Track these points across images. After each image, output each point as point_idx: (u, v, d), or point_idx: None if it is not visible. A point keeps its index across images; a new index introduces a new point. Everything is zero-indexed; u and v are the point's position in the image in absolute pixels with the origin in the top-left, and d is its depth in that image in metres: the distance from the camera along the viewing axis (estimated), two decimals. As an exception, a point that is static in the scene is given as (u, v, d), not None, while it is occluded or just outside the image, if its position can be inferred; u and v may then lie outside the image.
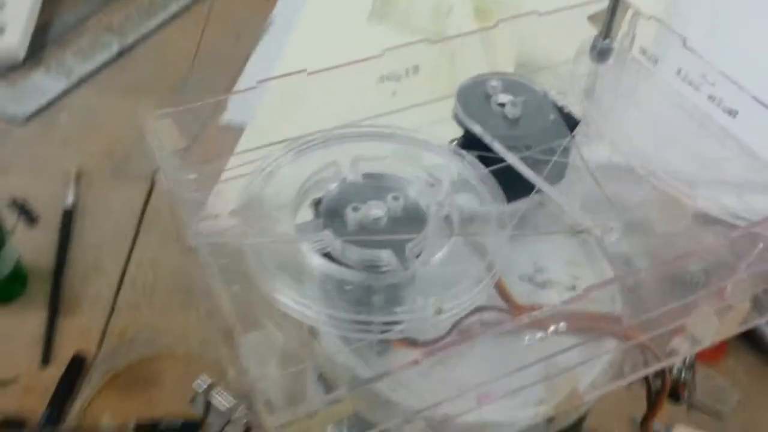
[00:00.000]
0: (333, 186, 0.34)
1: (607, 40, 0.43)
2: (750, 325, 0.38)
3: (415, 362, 0.28)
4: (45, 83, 1.08)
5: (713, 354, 0.78)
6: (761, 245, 0.34)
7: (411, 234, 0.32)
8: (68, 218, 0.89)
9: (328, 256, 0.32)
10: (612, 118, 0.41)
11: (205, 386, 0.46)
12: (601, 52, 0.44)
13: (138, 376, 0.76)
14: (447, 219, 0.34)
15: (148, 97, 1.08)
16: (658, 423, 0.72)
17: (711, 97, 0.39)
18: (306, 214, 0.36)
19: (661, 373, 0.39)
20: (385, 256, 0.31)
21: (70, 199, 0.91)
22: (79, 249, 0.87)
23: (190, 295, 0.82)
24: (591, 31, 0.44)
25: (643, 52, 0.42)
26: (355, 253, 0.31)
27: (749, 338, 0.80)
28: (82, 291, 0.83)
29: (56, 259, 0.85)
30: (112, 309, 0.81)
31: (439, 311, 0.30)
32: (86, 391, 0.74)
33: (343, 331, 0.32)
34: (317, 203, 0.35)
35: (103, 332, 0.79)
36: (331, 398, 0.27)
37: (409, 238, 0.32)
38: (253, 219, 0.33)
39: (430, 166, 0.37)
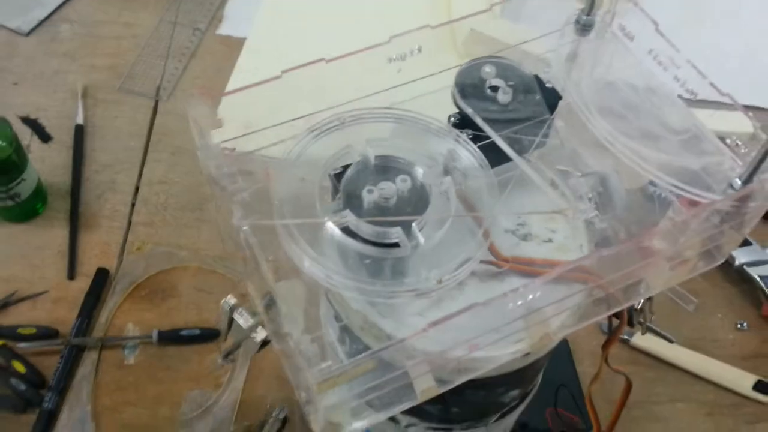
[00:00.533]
0: (351, 168, 0.40)
1: (590, 16, 0.48)
2: (695, 273, 0.46)
3: (424, 331, 0.35)
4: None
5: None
6: (707, 214, 0.41)
7: (417, 212, 0.39)
8: (80, 135, 0.94)
9: (347, 230, 0.39)
10: (587, 88, 0.46)
11: (230, 306, 0.53)
12: (584, 26, 0.49)
13: (156, 289, 0.83)
14: (446, 194, 0.41)
15: (146, 7, 1.11)
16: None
17: (676, 78, 0.44)
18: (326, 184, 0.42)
19: (620, 312, 0.47)
20: (395, 232, 0.38)
21: (80, 116, 0.96)
22: (92, 167, 0.93)
23: (200, 212, 0.89)
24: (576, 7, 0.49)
25: (622, 29, 0.47)
26: (369, 230, 0.38)
27: (710, 251, 0.89)
28: (99, 208, 0.89)
29: (72, 177, 0.90)
30: (129, 225, 0.88)
31: (440, 281, 0.37)
32: (110, 303, 0.82)
33: (357, 293, 0.38)
34: (336, 175, 0.41)
35: (122, 247, 0.86)
36: (358, 360, 0.34)
37: (415, 215, 0.39)
38: (285, 198, 0.39)
39: (432, 145, 0.43)
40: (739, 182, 0.40)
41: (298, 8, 1.07)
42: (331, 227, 0.38)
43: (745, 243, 0.86)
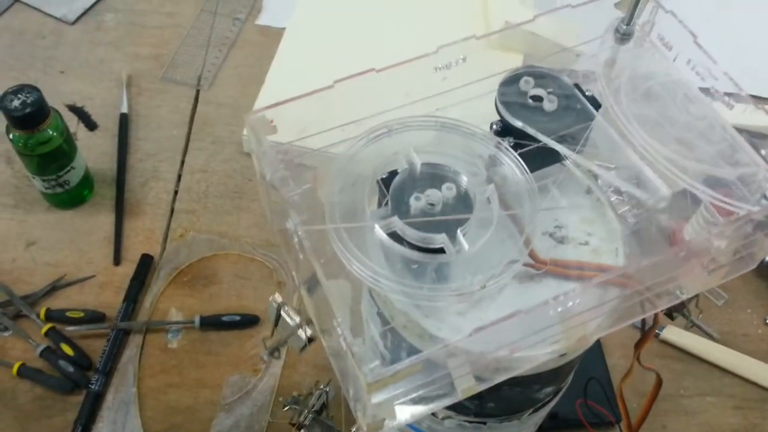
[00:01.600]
0: (398, 176, 0.42)
1: (629, 26, 0.49)
2: (729, 278, 0.47)
3: (469, 336, 0.37)
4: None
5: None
6: (741, 224, 0.43)
7: (461, 219, 0.41)
8: (124, 124, 0.97)
9: (394, 235, 0.41)
10: (625, 96, 0.48)
11: (277, 303, 0.55)
12: (623, 35, 0.50)
13: (198, 275, 0.86)
14: (489, 202, 0.42)
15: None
16: (654, 326, 0.82)
17: (713, 89, 0.46)
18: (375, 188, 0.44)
19: (654, 314, 0.48)
20: (440, 238, 0.40)
21: (124, 105, 0.98)
22: (136, 155, 0.96)
23: (240, 200, 0.92)
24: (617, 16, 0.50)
25: (661, 39, 0.49)
26: (415, 235, 0.40)
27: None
28: (143, 196, 0.92)
29: (117, 165, 0.93)
30: (171, 213, 0.91)
31: (483, 287, 0.39)
32: (154, 288, 0.85)
33: (403, 296, 0.41)
34: (384, 180, 0.43)
35: (165, 234, 0.89)
36: (409, 363, 0.36)
37: (460, 223, 0.41)
38: (334, 203, 0.41)
39: (475, 151, 0.44)
40: (773, 193, 0.41)
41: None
42: (379, 232, 0.40)
43: (777, 239, 0.86)
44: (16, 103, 0.78)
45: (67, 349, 0.79)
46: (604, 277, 0.40)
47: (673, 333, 0.83)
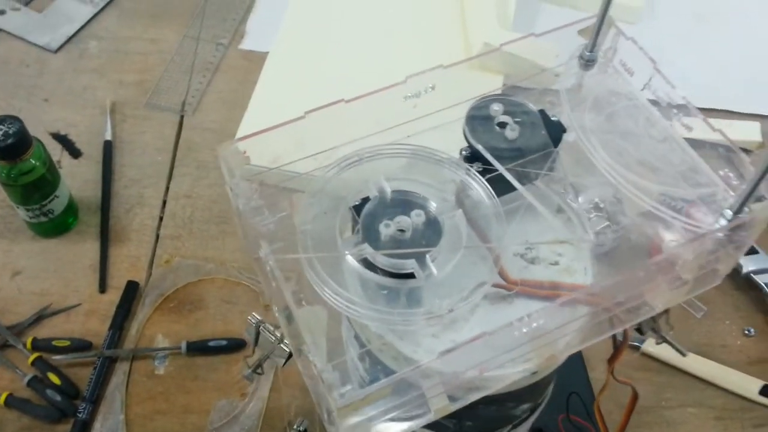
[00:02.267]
0: (369, 204, 0.43)
1: (593, 52, 0.51)
2: (695, 294, 0.49)
3: (437, 359, 0.38)
4: (72, 9, 1.14)
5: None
6: (702, 243, 0.44)
7: (430, 244, 0.42)
8: (108, 151, 0.98)
9: (365, 262, 0.42)
10: (589, 121, 0.49)
11: (256, 321, 0.56)
12: (587, 61, 0.51)
13: (184, 301, 0.87)
14: (457, 226, 0.44)
15: (170, 23, 1.15)
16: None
17: (674, 112, 0.47)
18: (346, 215, 0.45)
19: (623, 331, 0.50)
20: (410, 264, 0.41)
21: (108, 132, 0.99)
22: (121, 182, 0.97)
23: (224, 225, 0.93)
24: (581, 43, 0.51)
25: (623, 65, 0.50)
26: (386, 262, 0.41)
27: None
28: (128, 222, 0.93)
29: (102, 192, 0.94)
30: (157, 239, 0.92)
31: (450, 310, 0.41)
32: (140, 315, 0.86)
33: (375, 321, 0.42)
34: (356, 207, 0.44)
35: (151, 261, 0.90)
36: (378, 386, 0.37)
37: (428, 249, 0.42)
38: (306, 232, 0.42)
39: (444, 177, 0.46)
40: (731, 213, 0.43)
41: (319, 23, 1.10)
42: (351, 260, 0.41)
43: (753, 251, 0.88)
44: (-2, 134, 0.79)
45: (54, 378, 0.80)
46: (570, 296, 0.42)
47: (654, 346, 0.84)
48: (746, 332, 0.86)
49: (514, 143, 0.47)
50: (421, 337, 0.44)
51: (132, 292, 0.87)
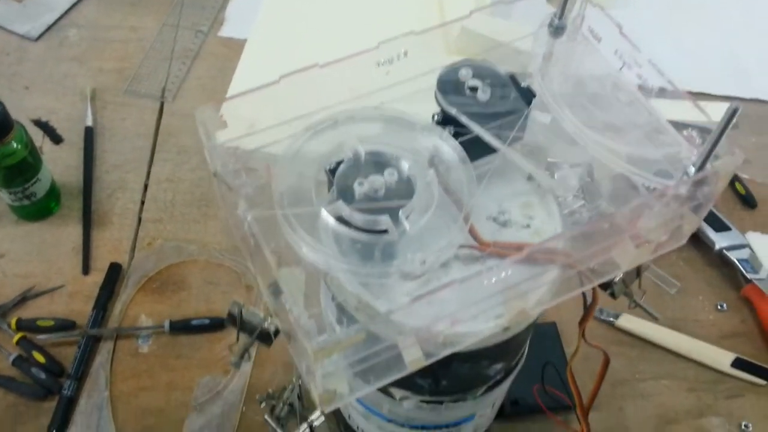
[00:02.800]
0: (343, 164, 0.45)
1: (562, 20, 0.52)
2: (660, 253, 0.50)
3: (410, 302, 0.40)
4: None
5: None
6: (667, 199, 0.46)
7: (403, 201, 0.43)
8: (90, 137, 0.99)
9: (340, 219, 0.43)
10: (559, 86, 0.51)
11: (239, 307, 0.57)
12: (556, 29, 0.53)
13: (167, 282, 0.88)
14: (429, 185, 0.45)
15: (149, 11, 1.16)
16: (607, 310, 0.86)
17: (639, 76, 0.49)
18: (321, 177, 0.46)
19: (592, 290, 0.51)
20: (383, 219, 0.42)
21: (89, 119, 1.00)
22: (102, 167, 0.97)
23: (207, 208, 0.94)
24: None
25: (591, 31, 0.52)
26: (360, 218, 0.43)
27: (692, 235, 0.93)
28: (110, 206, 0.94)
29: (84, 177, 0.95)
30: (139, 222, 0.92)
31: (423, 262, 0.42)
32: (123, 295, 0.87)
33: (348, 277, 0.43)
34: (331, 170, 0.46)
35: (134, 243, 0.91)
36: (351, 331, 0.39)
37: (402, 205, 0.43)
38: (285, 190, 0.44)
39: (417, 141, 0.47)
40: (693, 169, 0.44)
41: (297, 10, 1.11)
42: (326, 216, 0.43)
43: (725, 228, 0.90)
44: (-20, 117, 0.80)
45: (39, 357, 0.80)
46: (532, 248, 0.43)
47: (628, 320, 0.86)
48: (719, 307, 0.88)
49: (485, 107, 0.48)
50: (396, 296, 0.46)
51: (115, 273, 0.87)
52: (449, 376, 0.53)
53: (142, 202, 0.95)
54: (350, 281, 0.44)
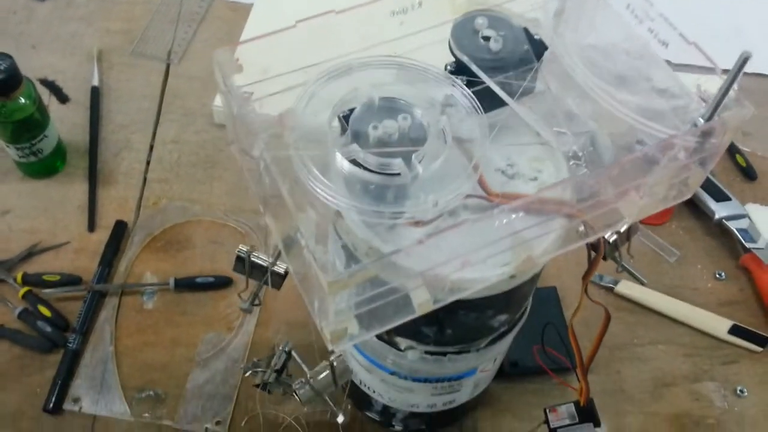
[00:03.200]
0: (357, 108, 0.45)
1: (574, -24, 0.53)
2: (666, 206, 0.51)
3: (420, 242, 0.41)
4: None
5: (660, 216, 0.92)
6: (674, 150, 0.46)
7: (416, 146, 0.44)
8: (96, 97, 0.99)
9: (354, 162, 0.44)
10: (571, 40, 0.51)
11: (246, 252, 0.58)
12: (569, -15, 0.54)
13: (172, 240, 0.89)
14: (442, 131, 0.46)
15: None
16: (607, 277, 0.87)
17: (650, 30, 0.50)
18: (335, 125, 0.47)
19: (596, 242, 0.52)
20: (397, 163, 0.43)
21: (96, 79, 1.01)
22: (108, 127, 0.98)
23: (211, 170, 0.94)
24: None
25: (602, -13, 0.52)
26: (374, 161, 0.43)
27: (691, 204, 0.94)
28: (116, 166, 0.94)
29: (90, 136, 0.96)
30: (144, 182, 0.93)
31: (435, 204, 0.43)
32: (129, 253, 0.87)
33: (364, 217, 0.44)
34: (345, 117, 0.46)
35: (139, 202, 0.92)
36: (364, 265, 0.39)
37: (414, 150, 0.44)
38: (299, 132, 0.44)
39: (430, 89, 0.48)
40: (702, 120, 0.45)
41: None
42: (341, 159, 0.43)
43: (725, 198, 0.91)
44: (-11, 70, 0.80)
45: (45, 311, 0.81)
46: (538, 195, 0.44)
47: (627, 287, 0.87)
48: (717, 276, 0.90)
49: (497, 56, 0.49)
50: (406, 242, 0.46)
51: (120, 231, 0.88)
52: (454, 325, 0.54)
53: (148, 162, 0.95)
54: (360, 226, 0.45)
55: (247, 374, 0.64)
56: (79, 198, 0.91)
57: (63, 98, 0.99)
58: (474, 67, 0.47)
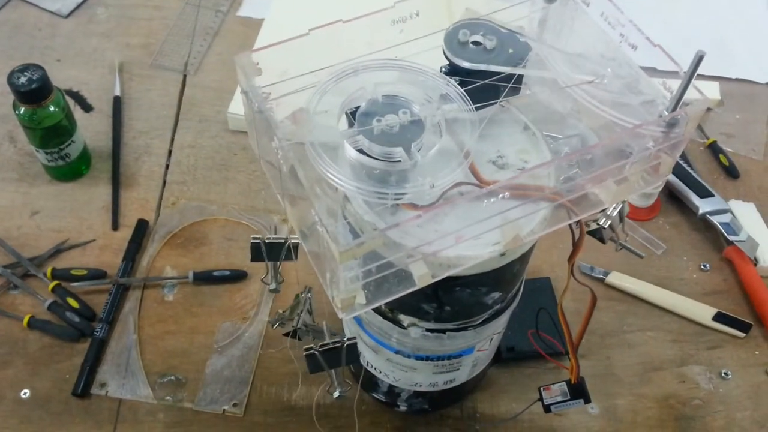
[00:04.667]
0: (363, 104, 0.52)
1: (555, -13, 0.59)
2: (639, 191, 0.57)
3: (418, 216, 0.47)
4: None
5: (647, 212, 0.98)
6: (644, 140, 0.52)
7: (414, 137, 0.50)
8: (118, 106, 1.06)
9: (361, 151, 0.50)
10: (554, 46, 0.58)
11: (259, 239, 0.64)
12: (551, -5, 0.60)
13: (190, 237, 0.95)
14: (438, 125, 0.52)
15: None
16: (598, 268, 0.92)
17: (621, 35, 0.56)
18: (343, 120, 0.53)
19: (578, 224, 0.58)
20: (398, 151, 0.49)
21: (117, 89, 1.07)
22: (130, 134, 1.04)
23: (226, 172, 1.01)
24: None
25: (581, -3, 0.59)
26: (378, 149, 0.49)
27: (677, 201, 1.00)
28: (137, 169, 1.01)
29: (113, 142, 1.02)
30: (164, 184, 0.99)
31: (432, 186, 0.49)
32: (150, 249, 0.93)
33: (369, 199, 0.50)
34: (351, 113, 0.53)
35: (159, 202, 0.98)
36: (370, 235, 0.46)
37: (413, 139, 0.50)
38: (312, 126, 0.50)
39: (427, 87, 0.54)
40: (666, 113, 0.51)
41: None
42: (349, 148, 0.50)
43: (709, 195, 0.97)
44: (23, 79, 0.87)
45: (73, 303, 0.87)
46: (520, 175, 0.50)
47: (617, 278, 0.92)
48: (702, 267, 0.95)
49: (486, 59, 0.55)
50: (408, 226, 0.52)
51: (142, 229, 0.94)
52: (452, 301, 0.60)
53: (167, 166, 1.01)
54: (365, 208, 0.51)
55: (275, 327, 0.68)
56: (104, 199, 0.97)
57: (87, 108, 1.06)
58: (475, 68, 0.53)
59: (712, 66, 1.14)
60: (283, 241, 0.60)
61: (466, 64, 0.54)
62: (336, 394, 0.66)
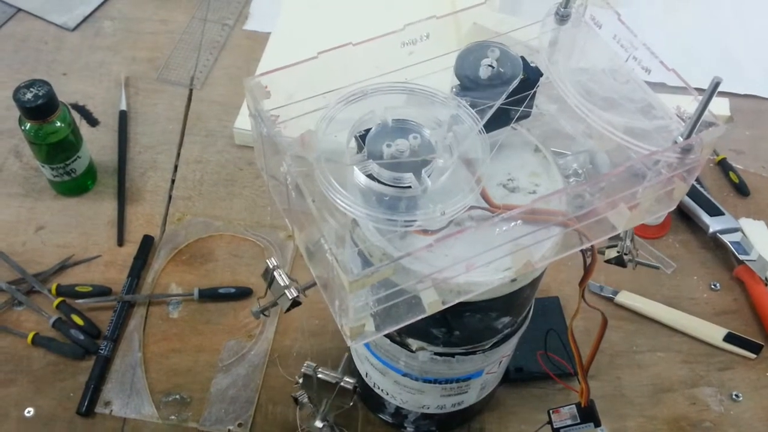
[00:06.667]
0: (373, 128, 0.51)
1: (567, 8, 0.59)
2: (653, 217, 0.56)
3: (430, 246, 0.46)
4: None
5: (657, 231, 0.97)
6: (659, 164, 0.52)
7: (425, 162, 0.49)
8: (124, 120, 1.05)
9: (370, 176, 0.49)
10: (564, 68, 0.57)
11: (273, 265, 0.63)
12: (562, 17, 0.59)
13: (196, 253, 0.94)
14: (449, 148, 0.51)
15: (179, 5, 1.22)
16: (607, 288, 0.91)
17: (634, 58, 0.55)
18: (352, 143, 0.53)
19: (591, 249, 0.57)
20: (408, 177, 0.49)
21: (123, 103, 1.07)
22: (135, 149, 1.04)
23: (232, 188, 1.00)
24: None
25: (593, 18, 0.58)
26: (388, 175, 0.49)
27: (687, 219, 0.99)
28: (143, 184, 1.00)
29: (119, 157, 1.02)
30: (169, 199, 0.99)
31: (443, 212, 0.48)
32: (156, 265, 0.93)
33: (379, 225, 0.49)
34: (361, 136, 0.52)
35: (164, 218, 0.97)
36: (381, 264, 0.45)
37: (424, 165, 0.49)
38: (320, 149, 0.50)
39: (438, 110, 0.53)
40: (681, 138, 0.50)
41: (318, 6, 1.18)
42: (358, 173, 0.49)
43: (719, 213, 0.96)
44: (29, 96, 0.86)
45: (78, 320, 0.87)
46: (531, 204, 0.49)
47: (627, 297, 0.92)
48: (712, 287, 0.94)
49: (497, 83, 0.54)
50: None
51: (148, 245, 0.94)
52: (461, 327, 0.59)
53: (173, 181, 1.01)
54: (375, 233, 0.51)
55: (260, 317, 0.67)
56: (109, 214, 0.97)
57: (93, 122, 1.06)
58: (476, 91, 0.53)
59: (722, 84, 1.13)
60: (283, 285, 0.58)
61: (476, 89, 0.53)
62: (317, 423, 0.65)
